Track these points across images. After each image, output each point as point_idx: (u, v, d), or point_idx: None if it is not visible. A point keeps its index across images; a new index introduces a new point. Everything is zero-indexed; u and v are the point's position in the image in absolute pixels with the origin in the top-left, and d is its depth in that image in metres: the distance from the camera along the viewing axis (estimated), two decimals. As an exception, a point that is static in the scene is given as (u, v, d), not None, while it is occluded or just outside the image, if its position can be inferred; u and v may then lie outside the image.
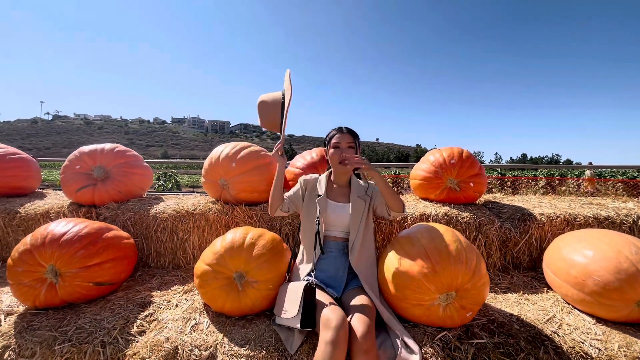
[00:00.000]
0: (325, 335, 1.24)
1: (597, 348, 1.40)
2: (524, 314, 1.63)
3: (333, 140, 1.69)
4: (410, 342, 1.33)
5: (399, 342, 1.33)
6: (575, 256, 1.65)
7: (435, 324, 1.46)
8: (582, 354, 1.38)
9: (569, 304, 1.71)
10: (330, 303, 1.40)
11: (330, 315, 1.29)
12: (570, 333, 1.48)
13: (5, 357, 1.37)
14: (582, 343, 1.43)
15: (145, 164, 2.52)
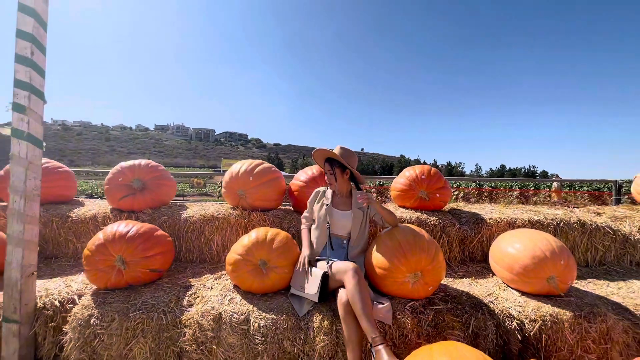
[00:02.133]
0: (348, 275, 1.82)
1: (517, 310, 2.00)
2: (472, 291, 2.22)
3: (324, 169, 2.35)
4: (381, 299, 1.93)
5: (374, 302, 1.89)
6: (509, 248, 2.26)
7: (407, 296, 2.02)
8: (507, 314, 1.98)
9: (505, 283, 2.32)
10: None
11: (346, 265, 1.89)
12: (502, 302, 2.08)
13: (90, 322, 1.84)
14: (509, 308, 2.03)
15: (171, 176, 3.01)
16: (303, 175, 2.89)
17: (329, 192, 2.36)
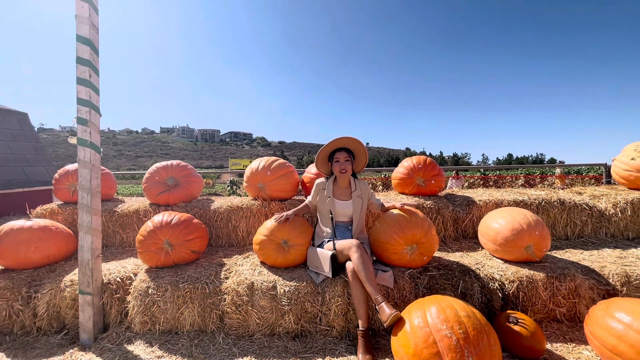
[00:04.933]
0: (352, 250, 2.18)
1: (499, 274, 2.38)
2: (463, 261, 2.60)
3: (335, 156, 2.57)
4: (384, 268, 2.31)
5: (378, 271, 2.29)
6: (493, 224, 2.63)
7: (405, 265, 2.42)
8: (491, 277, 2.37)
9: (491, 254, 2.69)
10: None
11: (350, 242, 2.24)
12: (487, 269, 2.46)
13: (149, 292, 2.28)
14: (493, 273, 2.41)
15: (198, 174, 3.44)
16: (313, 168, 3.29)
17: (330, 184, 2.60)
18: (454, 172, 10.89)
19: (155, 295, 2.27)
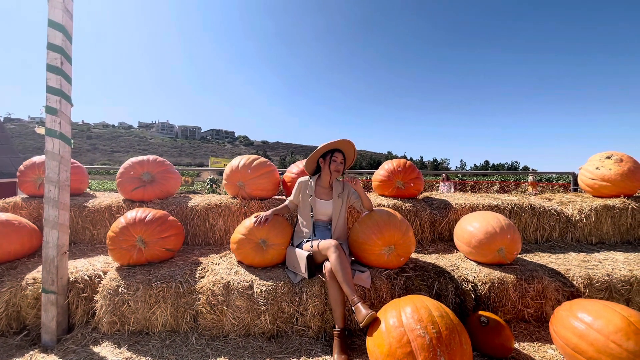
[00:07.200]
0: (330, 250, 2.17)
1: (473, 276, 2.45)
2: (438, 263, 2.66)
3: (334, 155, 2.57)
4: (362, 268, 2.33)
5: (356, 271, 2.30)
6: (468, 227, 2.71)
7: (383, 266, 2.45)
8: (465, 279, 2.43)
9: (465, 257, 2.77)
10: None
11: (329, 242, 2.24)
12: (461, 270, 2.53)
13: (119, 291, 2.18)
14: (466, 274, 2.47)
15: (176, 170, 3.34)
16: (295, 168, 3.28)
17: (313, 183, 2.63)
18: (442, 175, 11.21)
19: (126, 295, 2.18)
